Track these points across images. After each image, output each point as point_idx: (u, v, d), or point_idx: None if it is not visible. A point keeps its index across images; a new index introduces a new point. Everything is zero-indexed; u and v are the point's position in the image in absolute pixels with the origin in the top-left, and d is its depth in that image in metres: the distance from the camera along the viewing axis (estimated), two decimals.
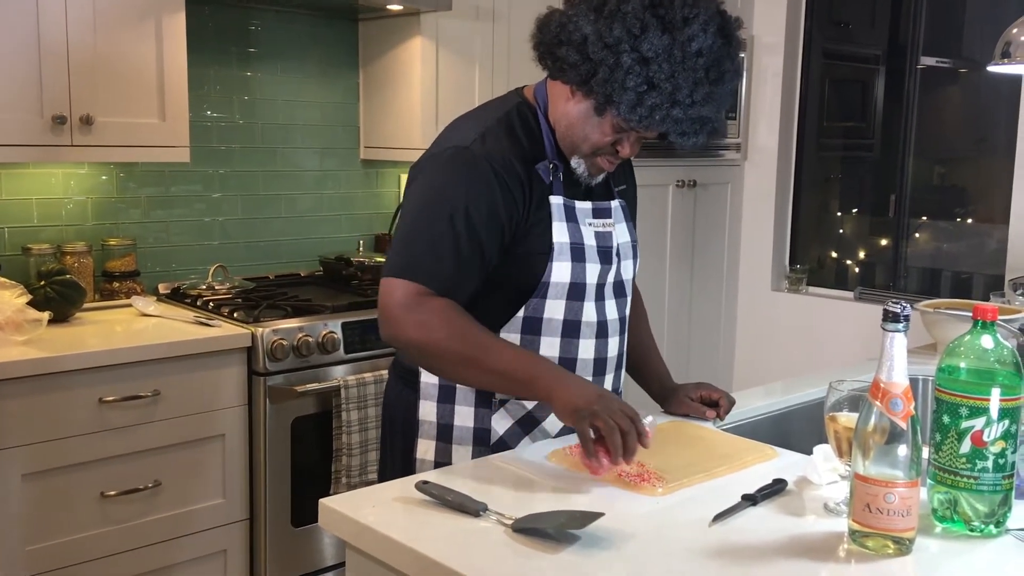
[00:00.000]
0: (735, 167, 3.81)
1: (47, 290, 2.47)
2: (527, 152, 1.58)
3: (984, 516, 1.25)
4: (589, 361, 1.65)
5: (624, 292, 1.71)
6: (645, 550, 1.21)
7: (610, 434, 1.36)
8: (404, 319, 1.49)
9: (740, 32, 1.53)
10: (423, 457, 1.65)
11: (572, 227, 1.60)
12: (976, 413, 1.23)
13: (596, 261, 1.62)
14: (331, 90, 3.29)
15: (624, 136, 1.56)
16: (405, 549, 1.20)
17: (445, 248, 1.51)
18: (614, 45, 1.44)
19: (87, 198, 2.83)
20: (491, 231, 1.52)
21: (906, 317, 1.19)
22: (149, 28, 2.55)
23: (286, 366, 2.54)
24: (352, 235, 3.39)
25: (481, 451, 1.62)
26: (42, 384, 2.20)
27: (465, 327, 1.49)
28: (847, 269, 3.93)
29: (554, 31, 1.51)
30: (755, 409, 1.91)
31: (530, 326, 1.60)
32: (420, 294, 1.50)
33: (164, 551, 2.44)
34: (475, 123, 1.60)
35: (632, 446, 1.38)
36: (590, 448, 1.38)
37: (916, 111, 3.60)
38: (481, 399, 1.62)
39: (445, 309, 1.49)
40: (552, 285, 1.58)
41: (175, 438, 2.42)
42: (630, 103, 1.46)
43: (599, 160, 1.60)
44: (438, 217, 1.52)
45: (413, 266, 1.51)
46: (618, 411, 1.40)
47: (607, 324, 1.66)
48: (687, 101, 1.45)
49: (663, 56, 1.43)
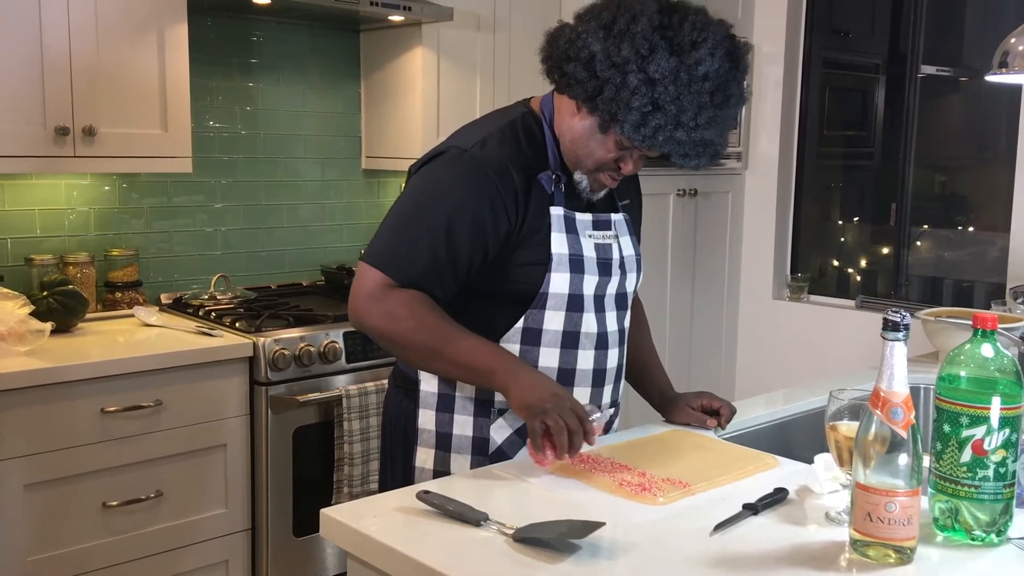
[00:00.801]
0: (736, 176, 3.81)
1: (49, 301, 2.47)
2: (528, 161, 1.59)
3: (985, 525, 1.25)
4: (588, 372, 1.65)
5: (625, 304, 1.72)
6: (646, 559, 1.21)
7: (558, 433, 1.41)
8: (370, 308, 1.54)
9: (748, 56, 1.55)
10: (422, 466, 1.66)
11: (572, 238, 1.61)
12: (977, 422, 1.23)
13: (595, 273, 1.62)
14: (333, 100, 3.30)
15: (627, 153, 1.57)
16: (406, 559, 1.20)
17: (421, 248, 1.54)
18: (621, 64, 1.46)
19: (90, 208, 2.83)
20: (473, 240, 1.54)
21: (906, 326, 1.19)
22: (151, 39, 2.56)
23: (288, 376, 2.55)
24: (354, 245, 3.39)
25: (480, 460, 1.63)
26: (44, 394, 2.20)
27: (429, 318, 1.53)
28: (848, 278, 3.93)
29: (563, 47, 1.53)
30: (756, 418, 1.91)
31: (529, 337, 1.61)
32: (387, 285, 1.54)
33: (166, 561, 2.44)
34: (479, 129, 1.62)
35: (577, 444, 1.44)
36: (538, 443, 1.44)
37: (916, 119, 3.60)
38: (479, 408, 1.63)
39: (411, 301, 1.53)
40: (551, 296, 1.59)
41: (177, 448, 2.42)
42: (634, 123, 1.48)
43: (602, 176, 1.61)
44: (423, 216, 1.56)
45: (387, 258, 1.55)
46: (568, 410, 1.44)
47: (607, 335, 1.67)
48: (691, 124, 1.47)
49: (669, 78, 1.45)
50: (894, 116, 3.67)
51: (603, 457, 1.54)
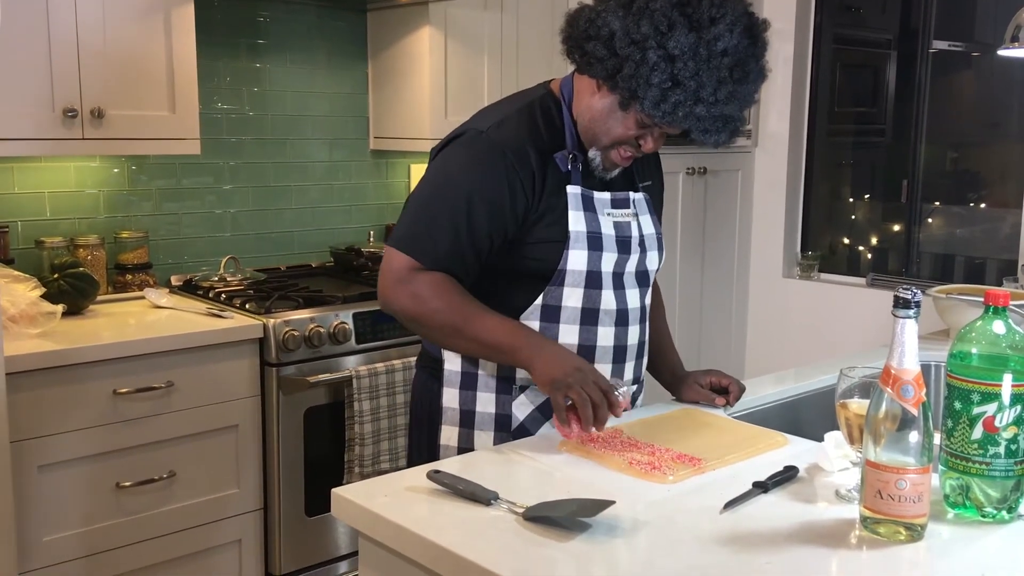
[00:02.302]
0: (746, 154, 3.79)
1: (60, 283, 2.48)
2: (545, 141, 1.61)
3: (996, 502, 1.25)
4: (609, 348, 1.67)
5: (647, 282, 1.74)
6: (656, 538, 1.21)
7: (583, 406, 1.44)
8: (397, 291, 1.59)
9: (767, 33, 1.55)
10: (447, 443, 1.69)
11: (589, 216, 1.62)
12: (988, 399, 1.23)
13: (614, 250, 1.64)
14: (340, 81, 3.29)
15: (647, 131, 1.58)
16: (417, 538, 1.20)
17: (442, 230, 1.57)
18: (641, 42, 1.46)
19: (99, 191, 2.84)
20: (492, 219, 1.57)
21: (917, 303, 1.19)
22: (158, 21, 2.55)
23: (298, 357, 2.55)
24: (363, 225, 3.39)
25: (502, 436, 1.65)
26: (57, 376, 2.21)
27: (453, 298, 1.56)
28: (859, 255, 3.91)
29: (583, 26, 1.54)
30: (766, 396, 1.91)
31: (548, 313, 1.63)
32: (413, 268, 1.58)
33: (180, 541, 2.46)
34: (497, 111, 1.66)
35: (603, 416, 1.45)
36: (562, 416, 1.46)
37: (928, 96, 3.57)
38: (502, 385, 1.66)
39: (436, 282, 1.57)
40: (569, 273, 1.61)
41: (189, 429, 2.44)
42: (654, 99, 1.48)
43: (613, 154, 1.62)
44: (443, 199, 1.59)
45: (411, 241, 1.59)
46: (592, 383, 1.46)
47: (627, 312, 1.68)
48: (710, 99, 1.48)
49: (688, 54, 1.45)
50: (905, 92, 3.64)
51: (618, 434, 1.54)
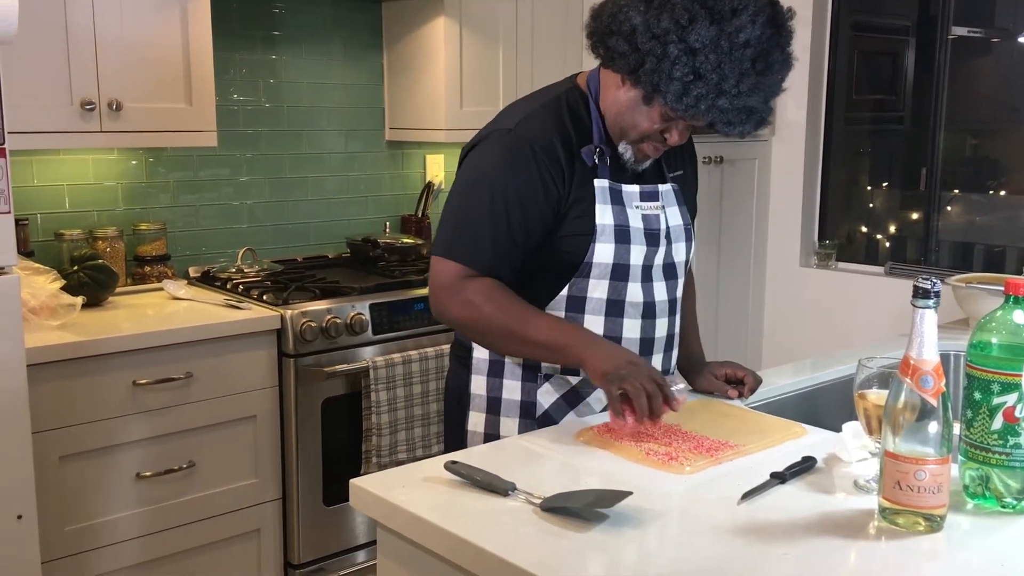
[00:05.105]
0: (763, 142, 3.77)
1: (80, 275, 2.50)
2: (571, 136, 1.62)
3: (1016, 492, 1.24)
4: (635, 340, 1.67)
5: (676, 274, 1.73)
6: (673, 528, 1.21)
7: (637, 396, 1.43)
8: (449, 300, 1.60)
9: (792, 22, 1.54)
10: (474, 429, 1.71)
11: (617, 209, 1.63)
12: (1008, 389, 1.22)
13: (642, 243, 1.65)
14: (356, 72, 3.29)
15: (672, 124, 1.59)
16: (435, 528, 1.21)
17: (483, 231, 1.58)
18: (662, 36, 1.47)
19: (117, 183, 2.85)
20: (528, 214, 1.58)
21: (936, 293, 1.18)
22: (174, 13, 2.56)
23: (315, 347, 2.56)
24: (379, 216, 3.40)
25: (527, 423, 1.67)
26: (77, 368, 2.23)
27: (505, 302, 1.57)
28: (877, 244, 3.88)
29: (605, 21, 1.55)
30: (784, 386, 1.90)
31: (574, 304, 1.64)
32: (462, 275, 1.58)
33: (198, 531, 2.48)
34: (523, 107, 1.67)
35: (657, 408, 1.44)
36: (617, 408, 1.45)
37: (947, 82, 3.53)
38: (527, 373, 1.67)
39: (487, 288, 1.58)
40: (595, 265, 1.62)
41: (208, 419, 2.45)
42: (676, 93, 1.48)
43: (644, 146, 1.63)
44: (478, 200, 1.60)
45: (455, 247, 1.60)
46: (646, 376, 1.46)
47: (654, 305, 1.68)
48: (733, 91, 1.47)
49: (710, 47, 1.45)
50: (924, 79, 3.60)
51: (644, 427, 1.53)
